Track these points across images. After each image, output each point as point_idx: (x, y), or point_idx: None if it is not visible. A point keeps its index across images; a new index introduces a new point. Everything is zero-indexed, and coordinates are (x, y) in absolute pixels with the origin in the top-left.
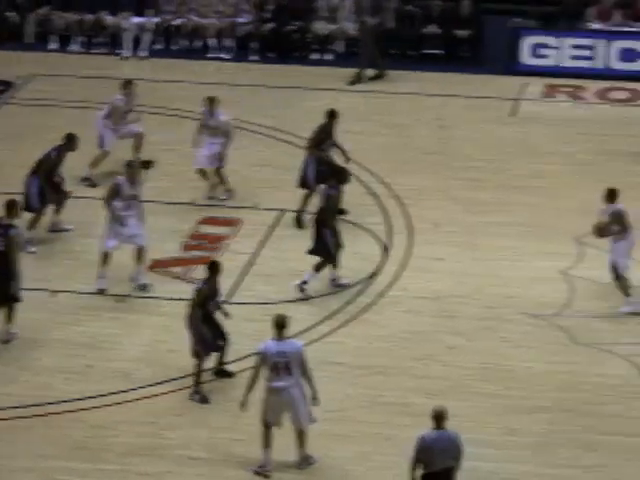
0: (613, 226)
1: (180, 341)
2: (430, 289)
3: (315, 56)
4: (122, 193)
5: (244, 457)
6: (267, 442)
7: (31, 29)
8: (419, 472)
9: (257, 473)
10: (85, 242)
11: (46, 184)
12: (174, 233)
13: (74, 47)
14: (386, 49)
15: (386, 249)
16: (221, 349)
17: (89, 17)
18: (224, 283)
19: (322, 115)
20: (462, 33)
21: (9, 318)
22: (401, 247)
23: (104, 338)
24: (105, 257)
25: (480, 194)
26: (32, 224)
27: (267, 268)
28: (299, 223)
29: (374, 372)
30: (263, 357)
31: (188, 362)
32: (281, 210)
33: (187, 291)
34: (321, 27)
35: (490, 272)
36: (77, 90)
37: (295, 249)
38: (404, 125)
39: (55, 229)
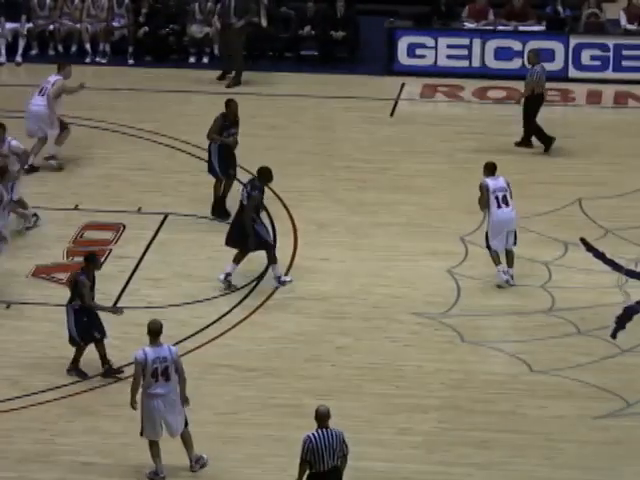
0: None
1: (69, 348)
2: (317, 290)
3: (192, 59)
4: None
5: (138, 461)
6: (155, 452)
7: None
8: (306, 472)
9: None
10: None
11: None
12: (58, 239)
13: None
14: (262, 51)
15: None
16: (98, 341)
17: None
18: (110, 288)
19: (199, 118)
20: (338, 34)
21: None
22: (286, 249)
23: None
24: None
25: (363, 194)
26: None
27: (152, 272)
28: (215, 212)
29: (264, 374)
30: (144, 365)
31: None
32: (164, 214)
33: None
34: (196, 30)
35: (376, 272)
36: None
37: (179, 252)
38: (283, 127)
39: None
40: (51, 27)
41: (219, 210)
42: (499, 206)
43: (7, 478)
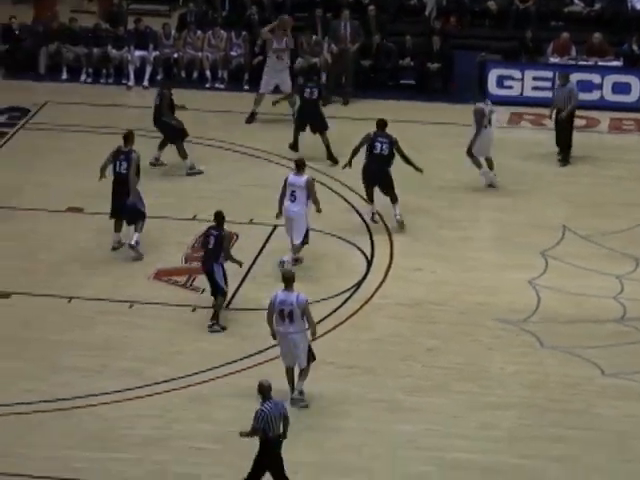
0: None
1: (185, 344)
2: (410, 296)
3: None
4: None
5: (246, 446)
6: (290, 379)
7: (44, 61)
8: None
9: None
10: (96, 253)
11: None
12: (178, 245)
13: (83, 78)
14: (367, 81)
15: (369, 260)
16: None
17: (96, 51)
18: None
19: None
20: (433, 66)
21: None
22: (383, 258)
23: (116, 340)
24: None
25: (454, 211)
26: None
27: (261, 277)
28: None
29: (363, 371)
30: (272, 304)
31: (192, 363)
32: (273, 225)
33: (189, 298)
34: (302, 60)
35: (463, 281)
36: (86, 116)
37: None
38: None
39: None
40: (175, 55)
41: None
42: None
43: (124, 460)
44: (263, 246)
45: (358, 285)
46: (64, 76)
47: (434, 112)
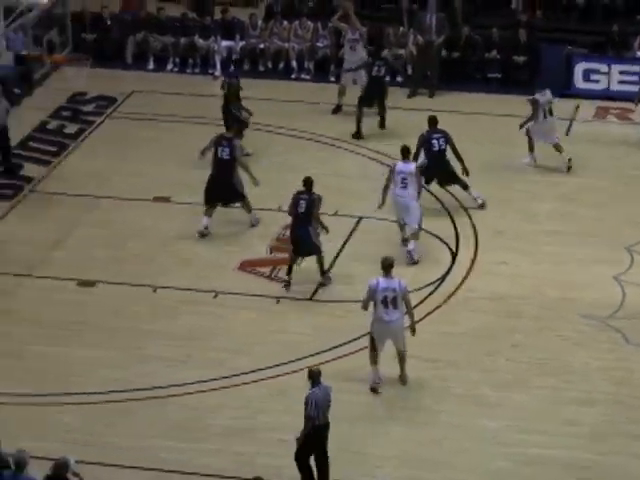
0: None
1: (268, 334)
2: (494, 291)
3: (387, 78)
4: None
5: (329, 439)
6: (374, 360)
7: (131, 50)
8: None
9: (373, 389)
10: (181, 243)
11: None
12: (263, 237)
13: (170, 67)
14: (454, 73)
15: (454, 254)
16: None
17: (183, 40)
18: (310, 280)
19: (394, 131)
20: (519, 59)
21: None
22: (467, 252)
23: (201, 330)
24: None
25: (538, 205)
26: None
27: (346, 269)
28: None
29: (446, 365)
30: (374, 291)
31: (275, 353)
32: (358, 217)
33: (273, 289)
34: (389, 53)
35: (548, 276)
36: (172, 106)
37: (371, 252)
38: (469, 141)
39: None
40: (261, 46)
41: None
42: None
43: (208, 450)
44: (348, 238)
45: (443, 278)
46: (151, 65)
47: (520, 105)
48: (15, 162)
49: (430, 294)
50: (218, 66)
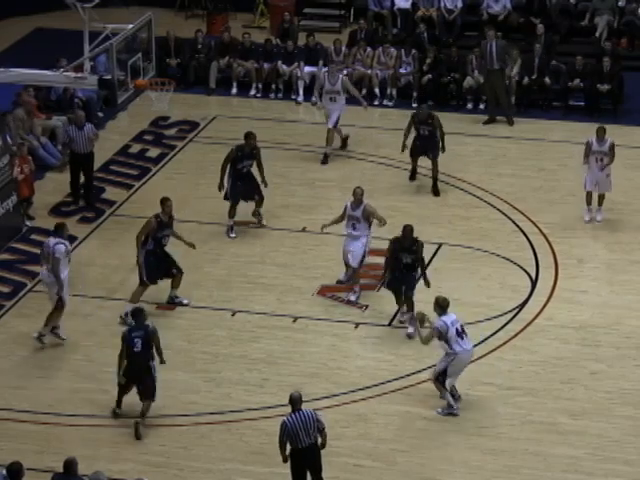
0: None
1: (346, 360)
2: (574, 319)
3: (469, 105)
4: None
5: (405, 466)
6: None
7: (214, 75)
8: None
9: (448, 414)
10: (260, 268)
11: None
12: (341, 262)
13: (253, 92)
14: (533, 100)
15: (534, 282)
16: None
17: (266, 66)
18: (387, 307)
19: (473, 158)
20: (603, 87)
21: None
22: (548, 280)
23: (279, 354)
24: None
25: (621, 233)
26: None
27: (425, 296)
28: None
29: (524, 393)
30: (446, 330)
31: (354, 380)
32: (439, 243)
33: (352, 314)
34: (471, 79)
35: (630, 305)
36: (255, 131)
37: (450, 279)
38: (551, 169)
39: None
40: (345, 72)
41: None
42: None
43: (284, 474)
44: (427, 264)
45: (522, 306)
46: (234, 90)
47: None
48: (93, 190)
49: (509, 322)
50: (301, 92)
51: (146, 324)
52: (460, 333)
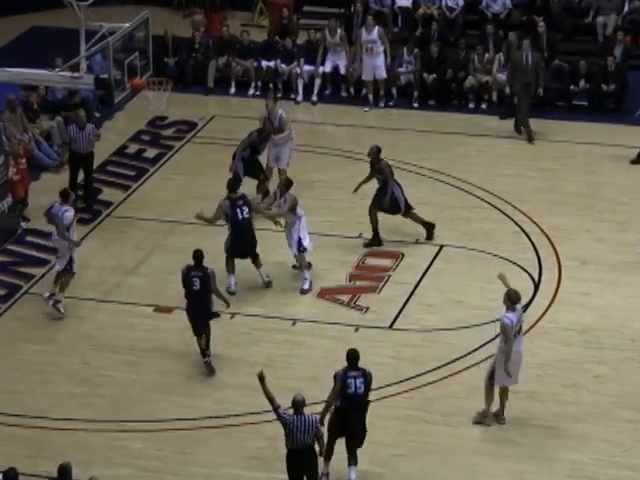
0: None
1: (344, 364)
2: (577, 322)
3: (471, 105)
4: None
5: (406, 470)
6: (490, 399)
7: (212, 74)
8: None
9: (478, 422)
10: (262, 269)
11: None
12: (342, 264)
13: (251, 92)
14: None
15: (536, 284)
16: None
17: (265, 65)
18: (387, 310)
19: (476, 159)
20: (608, 87)
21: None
22: (551, 282)
23: (277, 358)
24: None
25: (625, 235)
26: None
27: (426, 298)
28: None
29: (526, 397)
30: (512, 326)
31: None
32: (440, 245)
33: (352, 317)
34: (476, 79)
35: (633, 308)
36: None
37: (452, 281)
38: (553, 170)
39: None
40: (344, 71)
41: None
42: None
43: (282, 479)
44: (429, 266)
45: (524, 308)
46: (232, 90)
47: (607, 133)
48: (93, 191)
49: None
50: (300, 91)
51: (205, 266)
52: (518, 332)
